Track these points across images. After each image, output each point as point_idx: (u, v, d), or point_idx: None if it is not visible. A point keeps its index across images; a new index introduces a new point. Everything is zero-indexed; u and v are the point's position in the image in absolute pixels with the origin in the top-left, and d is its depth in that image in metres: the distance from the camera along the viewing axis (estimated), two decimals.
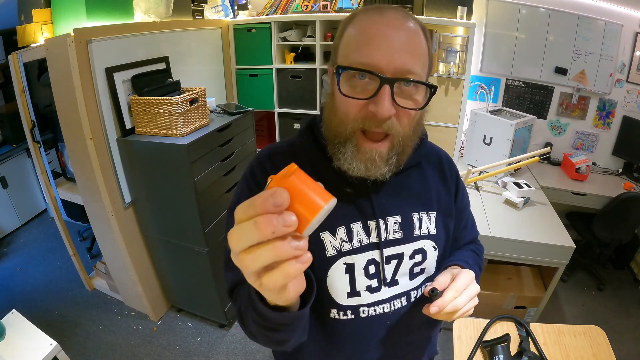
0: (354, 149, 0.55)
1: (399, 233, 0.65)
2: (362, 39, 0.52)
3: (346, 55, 0.53)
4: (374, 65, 0.50)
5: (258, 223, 0.30)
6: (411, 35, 0.52)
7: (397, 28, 0.51)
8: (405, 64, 0.50)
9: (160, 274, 2.10)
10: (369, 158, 0.55)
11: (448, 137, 2.34)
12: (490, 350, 0.91)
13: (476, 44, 2.41)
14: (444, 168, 0.73)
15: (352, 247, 0.63)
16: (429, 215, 0.68)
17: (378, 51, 0.50)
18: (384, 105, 0.50)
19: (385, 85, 0.50)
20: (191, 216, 1.72)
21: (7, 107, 2.90)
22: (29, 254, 2.78)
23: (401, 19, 0.52)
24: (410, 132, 0.56)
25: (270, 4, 2.40)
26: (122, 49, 1.61)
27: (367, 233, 0.64)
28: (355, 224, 0.63)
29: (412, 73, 0.51)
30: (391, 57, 0.50)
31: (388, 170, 0.57)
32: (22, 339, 1.31)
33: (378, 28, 0.51)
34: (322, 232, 0.62)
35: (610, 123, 2.51)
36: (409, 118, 0.54)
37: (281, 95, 2.50)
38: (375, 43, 0.50)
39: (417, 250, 0.67)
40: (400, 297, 0.67)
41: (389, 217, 0.65)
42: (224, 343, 2.01)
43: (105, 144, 1.64)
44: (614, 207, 2.14)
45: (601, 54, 2.34)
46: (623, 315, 2.22)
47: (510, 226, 1.80)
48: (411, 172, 0.68)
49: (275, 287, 0.34)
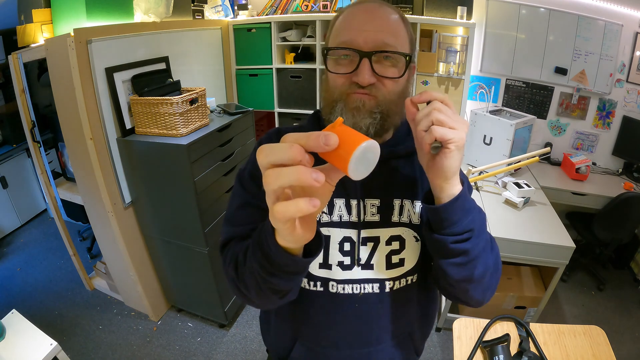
0: (343, 103, 0.62)
1: (375, 216, 0.67)
2: (344, 24, 0.62)
3: (332, 41, 0.63)
4: (353, 43, 0.59)
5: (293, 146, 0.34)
6: (386, 16, 0.60)
7: (373, 11, 0.60)
8: (382, 39, 0.58)
9: (160, 274, 2.10)
10: (355, 107, 0.61)
11: None
12: (490, 350, 0.91)
13: (476, 44, 2.41)
14: None
15: (330, 220, 0.67)
16: (414, 204, 0.69)
17: (356, 31, 0.59)
18: (364, 74, 0.58)
19: (364, 59, 0.58)
20: (191, 216, 1.72)
21: (7, 107, 2.90)
22: (29, 254, 2.78)
23: (377, 5, 0.61)
24: (394, 98, 0.62)
25: (270, 4, 2.41)
26: (122, 49, 1.61)
27: (349, 211, 0.67)
28: (339, 200, 0.67)
29: (388, 46, 0.59)
30: (368, 34, 0.58)
31: (371, 124, 0.61)
32: (22, 339, 1.31)
33: (357, 14, 0.61)
34: None
35: (610, 123, 2.51)
36: (392, 85, 0.61)
37: (281, 95, 2.50)
38: (354, 25, 0.60)
39: (394, 236, 0.68)
40: (372, 283, 0.68)
41: (368, 199, 0.67)
42: (224, 343, 2.01)
43: (105, 144, 1.64)
44: (614, 207, 2.14)
45: (601, 54, 2.34)
46: (623, 315, 2.22)
47: (510, 226, 1.80)
48: (401, 161, 0.70)
49: (285, 216, 0.37)
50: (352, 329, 0.72)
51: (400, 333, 0.77)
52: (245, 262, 0.57)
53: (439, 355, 1.96)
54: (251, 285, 0.56)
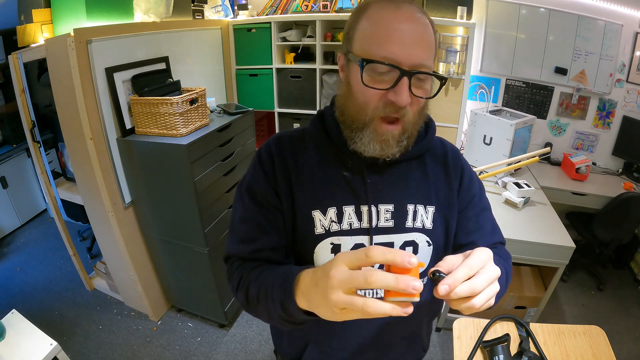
0: (373, 132, 0.59)
1: (390, 222, 0.66)
2: (382, 33, 0.55)
3: (367, 48, 0.57)
4: (394, 59, 0.54)
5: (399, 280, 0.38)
6: (424, 29, 0.56)
7: (413, 23, 0.55)
8: (420, 57, 0.55)
9: (160, 274, 2.10)
10: (384, 139, 0.59)
11: (448, 137, 2.30)
12: (490, 350, 0.91)
13: (476, 44, 2.41)
14: (448, 163, 0.73)
15: (340, 229, 0.65)
16: (427, 209, 0.68)
17: (397, 45, 0.54)
18: (403, 95, 0.55)
19: (404, 78, 0.55)
20: (191, 216, 1.72)
21: (7, 107, 2.90)
22: (29, 254, 2.78)
23: (415, 13, 0.56)
24: (417, 118, 0.61)
25: (270, 4, 2.40)
26: (122, 49, 1.61)
27: (359, 218, 0.66)
28: (348, 207, 0.65)
29: (425, 66, 0.56)
30: (409, 51, 0.54)
31: (398, 150, 0.61)
32: (22, 339, 1.31)
33: (396, 23, 0.55)
34: (314, 211, 0.65)
35: (610, 123, 2.51)
36: (418, 105, 0.59)
37: (281, 95, 2.50)
38: (395, 38, 0.55)
39: (408, 242, 0.67)
40: None
41: (381, 205, 0.66)
42: (224, 343, 2.01)
43: (105, 144, 1.64)
44: (614, 207, 2.14)
45: (601, 54, 2.34)
46: (623, 315, 2.22)
47: (510, 226, 1.80)
48: (412, 163, 0.69)
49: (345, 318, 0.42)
50: (364, 333, 0.72)
51: (410, 333, 0.77)
52: (258, 301, 0.59)
53: (439, 355, 1.96)
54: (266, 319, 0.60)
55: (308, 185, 0.66)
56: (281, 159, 0.68)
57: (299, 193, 0.66)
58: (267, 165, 0.68)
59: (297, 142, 0.70)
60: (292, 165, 0.67)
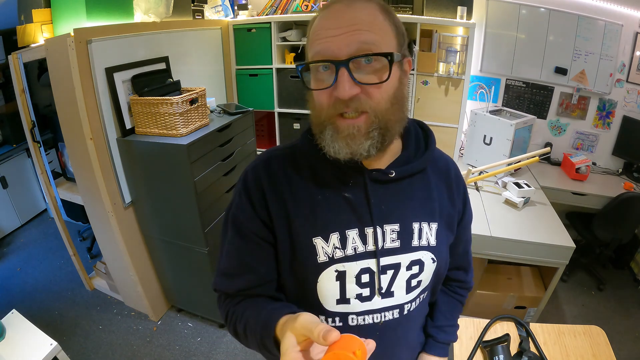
0: (332, 130, 0.56)
1: (396, 242, 0.63)
2: (315, 34, 0.54)
3: (307, 53, 0.56)
4: (325, 52, 0.52)
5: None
6: (358, 13, 0.52)
7: (343, 12, 0.52)
8: (356, 40, 0.51)
9: (160, 274, 2.10)
10: (348, 134, 0.55)
11: (448, 137, 2.34)
12: (490, 350, 0.91)
13: (476, 44, 2.41)
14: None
15: (344, 255, 0.61)
16: (431, 226, 0.66)
17: (327, 39, 0.52)
18: (343, 87, 0.51)
19: (340, 68, 0.51)
20: (191, 216, 1.72)
21: (7, 107, 2.90)
22: (29, 254, 2.78)
23: (346, 3, 0.53)
24: (387, 106, 0.55)
25: (270, 4, 2.40)
26: (122, 49, 1.61)
27: (364, 241, 0.62)
28: (351, 231, 0.61)
29: (365, 45, 0.51)
30: (342, 40, 0.51)
31: (371, 145, 0.55)
32: (22, 339, 1.31)
33: (326, 20, 0.53)
34: (315, 238, 0.61)
35: (610, 123, 2.51)
36: (379, 92, 0.54)
37: (281, 95, 2.50)
38: (323, 33, 0.53)
39: (414, 261, 0.64)
40: (392, 310, 0.65)
41: (387, 225, 0.62)
42: (224, 343, 2.01)
43: (105, 144, 1.64)
44: (614, 207, 2.14)
45: (601, 54, 2.34)
46: (623, 315, 2.22)
47: (510, 226, 1.80)
48: (415, 179, 0.65)
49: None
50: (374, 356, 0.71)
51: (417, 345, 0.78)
52: (247, 339, 0.61)
53: None
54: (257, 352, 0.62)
55: (307, 212, 0.62)
56: (273, 186, 0.63)
57: (297, 220, 0.62)
58: (254, 194, 0.63)
59: (289, 162, 0.65)
60: (287, 191, 0.63)
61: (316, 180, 0.63)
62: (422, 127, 0.71)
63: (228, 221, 0.67)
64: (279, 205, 0.63)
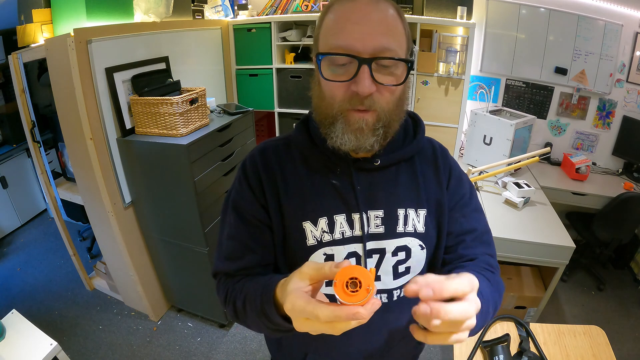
0: (344, 123, 0.58)
1: (380, 228, 0.65)
2: (338, 25, 0.55)
3: (327, 43, 0.57)
4: (350, 48, 0.53)
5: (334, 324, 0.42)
6: (384, 16, 0.55)
7: (370, 11, 0.54)
8: (381, 43, 0.53)
9: (160, 274, 2.10)
10: (357, 128, 0.57)
11: (448, 137, 2.34)
12: (490, 350, 0.91)
13: (476, 44, 2.41)
14: (438, 162, 0.71)
15: (332, 239, 0.65)
16: (418, 213, 0.67)
17: (353, 34, 0.53)
18: (364, 84, 0.53)
19: (363, 66, 0.53)
20: (191, 216, 1.72)
21: (7, 107, 2.90)
22: (29, 254, 2.78)
23: (373, 2, 0.55)
24: (393, 107, 0.58)
25: (270, 4, 2.40)
26: (122, 49, 1.61)
27: (351, 226, 0.65)
28: (339, 216, 0.65)
29: (388, 50, 0.54)
30: (366, 38, 0.53)
31: (376, 141, 0.59)
32: (22, 339, 1.31)
33: (351, 14, 0.54)
34: (304, 222, 0.65)
35: (610, 123, 2.51)
36: (390, 93, 0.57)
37: (281, 95, 2.50)
38: (349, 27, 0.54)
39: (400, 247, 0.66)
40: (380, 294, 0.67)
41: (371, 211, 0.65)
42: (224, 343, 2.01)
43: (105, 144, 1.64)
44: (614, 207, 2.14)
45: (601, 54, 2.35)
46: (623, 315, 2.22)
47: (510, 226, 1.80)
48: (401, 166, 0.68)
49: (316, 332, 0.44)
50: (363, 339, 0.72)
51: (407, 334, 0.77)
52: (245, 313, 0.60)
53: (438, 355, 1.96)
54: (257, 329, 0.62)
55: (297, 197, 0.65)
56: (268, 172, 0.67)
57: (288, 205, 0.65)
58: (253, 180, 0.67)
59: (283, 151, 0.69)
60: (279, 178, 0.66)
61: (307, 169, 0.67)
62: (413, 116, 0.73)
63: (228, 208, 0.70)
64: (273, 191, 0.66)
